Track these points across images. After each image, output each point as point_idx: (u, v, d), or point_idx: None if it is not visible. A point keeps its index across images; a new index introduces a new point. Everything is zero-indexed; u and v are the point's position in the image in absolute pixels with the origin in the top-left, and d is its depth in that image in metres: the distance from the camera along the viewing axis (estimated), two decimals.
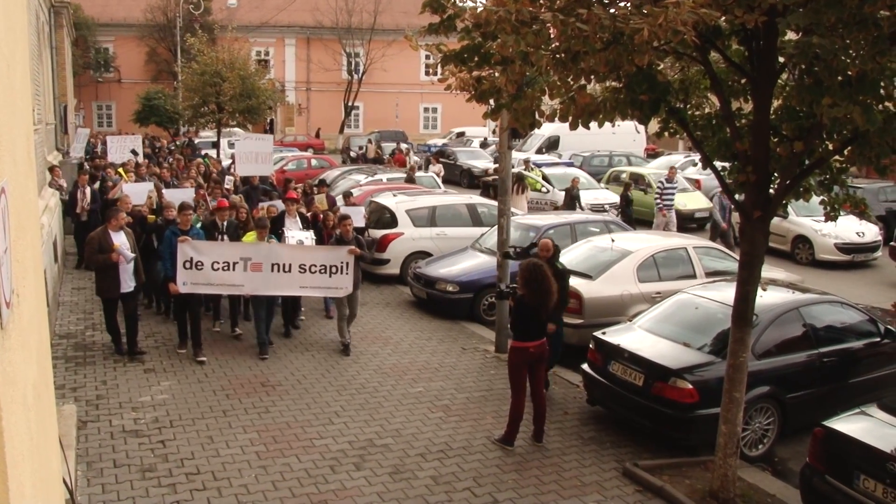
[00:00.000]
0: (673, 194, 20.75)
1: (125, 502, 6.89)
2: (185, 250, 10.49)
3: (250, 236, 11.55)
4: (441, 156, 37.25)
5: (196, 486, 7.22)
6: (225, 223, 11.99)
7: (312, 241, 11.95)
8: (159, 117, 41.44)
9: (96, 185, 17.07)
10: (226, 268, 10.67)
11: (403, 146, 39.59)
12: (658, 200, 20.47)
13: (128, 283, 10.45)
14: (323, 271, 10.90)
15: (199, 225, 12.06)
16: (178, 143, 37.09)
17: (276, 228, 12.14)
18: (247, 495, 7.08)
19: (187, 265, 10.51)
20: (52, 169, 16.77)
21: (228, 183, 18.13)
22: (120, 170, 19.43)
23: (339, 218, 11.99)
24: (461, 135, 48.92)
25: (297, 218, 12.79)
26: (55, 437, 3.91)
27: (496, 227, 12.09)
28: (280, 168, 27.19)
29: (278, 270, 10.79)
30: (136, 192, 14.66)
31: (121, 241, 10.30)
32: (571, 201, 21.90)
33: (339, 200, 17.16)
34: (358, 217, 14.56)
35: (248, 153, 17.62)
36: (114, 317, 10.67)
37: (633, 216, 21.34)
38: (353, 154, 42.06)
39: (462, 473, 7.76)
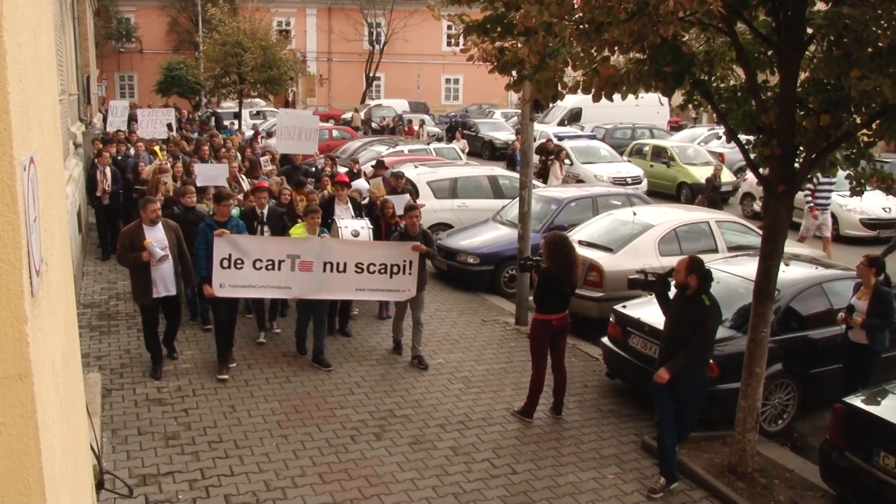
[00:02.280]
0: (829, 193, 16.24)
1: (149, 468, 7.00)
2: (222, 246, 8.93)
3: (299, 228, 9.87)
4: (463, 127, 37.16)
5: (218, 454, 7.32)
6: (265, 211, 10.30)
7: (370, 231, 10.25)
8: (181, 88, 41.59)
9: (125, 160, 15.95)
10: (270, 267, 9.10)
11: (414, 117, 39.52)
12: (809, 198, 16.04)
13: (163, 287, 8.89)
14: (383, 271, 9.40)
15: (234, 210, 10.43)
16: (200, 114, 37.22)
17: (324, 218, 10.35)
18: (268, 463, 7.18)
19: (225, 263, 8.94)
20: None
21: (266, 163, 16.06)
22: (156, 147, 17.95)
23: (405, 209, 10.11)
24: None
25: (349, 205, 11.27)
26: (82, 403, 3.97)
27: (517, 199, 12.06)
28: None
29: (331, 270, 9.28)
30: (209, 175, 12.97)
31: (155, 236, 8.80)
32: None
33: (368, 170, 16.52)
34: (401, 202, 12.37)
35: (289, 128, 15.92)
36: (152, 330, 9.09)
37: (719, 200, 20.80)
38: (374, 125, 42.03)
39: (481, 444, 7.81)
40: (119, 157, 16.29)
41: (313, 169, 15.92)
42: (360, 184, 13.91)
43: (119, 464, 7.03)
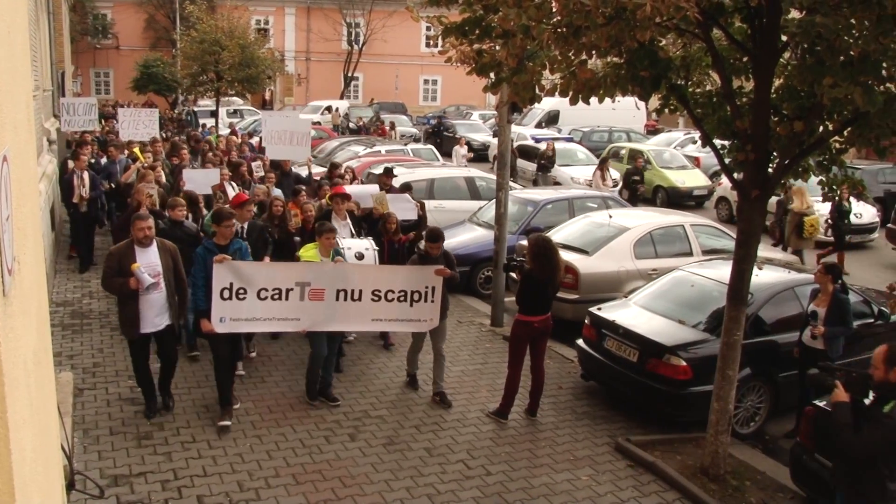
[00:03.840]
0: None
1: (121, 469, 6.94)
2: (223, 274, 7.68)
3: (310, 250, 8.56)
4: (440, 128, 37.17)
5: (191, 454, 7.27)
6: (245, 226, 9.32)
7: (375, 253, 9.33)
8: (158, 85, 41.28)
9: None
10: (276, 296, 7.91)
11: (387, 118, 39.50)
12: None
13: (154, 320, 7.67)
14: (403, 299, 8.29)
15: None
16: (177, 112, 36.95)
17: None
18: (241, 464, 7.14)
19: (226, 294, 7.70)
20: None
21: (258, 170, 14.56)
22: (137, 149, 16.53)
23: (427, 236, 8.83)
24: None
25: (349, 220, 10.15)
26: (54, 403, 3.93)
27: (494, 200, 12.08)
28: None
29: (345, 298, 8.14)
30: (199, 182, 12.04)
31: (147, 260, 7.55)
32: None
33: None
34: (404, 207, 11.42)
35: (279, 133, 14.72)
36: (142, 365, 7.95)
37: (637, 192, 20.94)
38: (352, 125, 41.94)
39: (456, 446, 7.82)
40: (93, 161, 15.28)
41: (305, 174, 14.99)
42: (359, 190, 12.18)
43: (90, 464, 6.96)
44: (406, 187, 12.72)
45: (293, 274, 8.07)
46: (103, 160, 15.76)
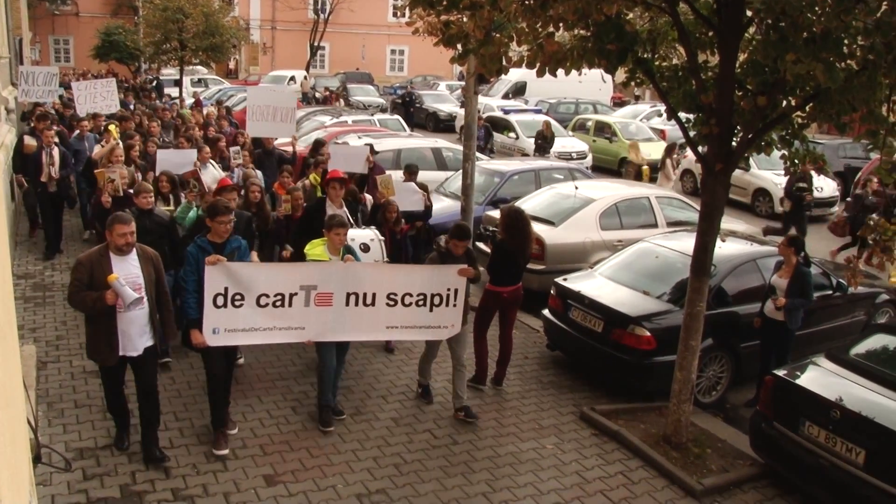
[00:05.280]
0: None
1: (87, 442, 6.91)
2: (216, 277, 6.65)
3: (316, 247, 7.49)
4: (410, 98, 36.95)
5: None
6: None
7: (381, 245, 8.48)
8: (120, 53, 40.44)
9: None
10: (279, 302, 6.94)
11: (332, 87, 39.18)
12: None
13: (136, 341, 6.42)
14: (422, 303, 7.41)
15: (192, 213, 8.86)
16: (140, 81, 36.29)
17: (312, 227, 8.36)
18: (208, 435, 7.12)
19: (220, 301, 6.69)
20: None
21: (237, 157, 12.76)
22: (112, 126, 14.88)
23: (453, 232, 7.84)
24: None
25: (345, 208, 9.14)
26: (19, 377, 3.91)
27: (461, 171, 12.08)
28: (243, 108, 26.62)
29: (356, 303, 7.21)
30: (173, 163, 10.90)
31: (126, 270, 6.27)
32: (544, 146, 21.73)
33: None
34: (410, 198, 10.46)
35: (262, 108, 13.36)
36: (115, 392, 6.75)
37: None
38: (318, 95, 41.57)
39: (422, 415, 7.89)
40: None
41: (289, 153, 13.95)
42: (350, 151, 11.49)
43: (55, 438, 6.92)
44: (371, 149, 12.32)
45: (297, 276, 7.04)
46: (73, 137, 14.52)
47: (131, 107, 21.14)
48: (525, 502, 6.50)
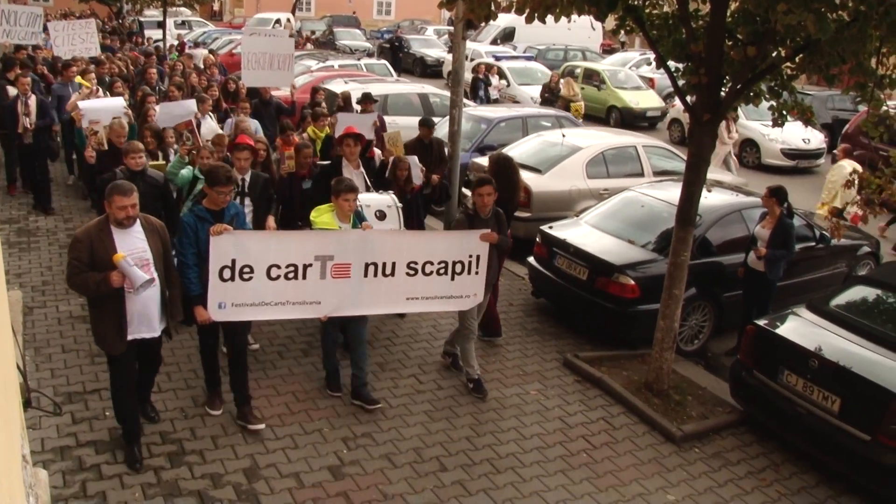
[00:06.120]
0: None
1: (75, 386, 6.95)
2: (222, 248, 6.10)
3: (324, 215, 6.87)
4: (398, 43, 36.43)
5: None
6: (248, 178, 7.56)
7: (398, 211, 7.83)
8: None
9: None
10: (291, 274, 6.41)
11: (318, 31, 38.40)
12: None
13: (145, 326, 5.78)
14: (443, 271, 6.96)
15: (186, 172, 8.03)
16: (119, 22, 35.52)
17: (325, 187, 7.38)
18: (195, 380, 7.18)
19: (226, 274, 6.16)
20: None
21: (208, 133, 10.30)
22: (82, 79, 13.41)
23: (474, 181, 7.38)
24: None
25: (363, 169, 8.47)
26: (7, 322, 3.92)
27: (447, 117, 11.98)
28: (229, 52, 26.24)
29: (375, 274, 6.72)
30: (173, 115, 9.97)
31: (131, 245, 5.58)
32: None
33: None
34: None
35: (258, 55, 12.47)
36: (126, 390, 5.97)
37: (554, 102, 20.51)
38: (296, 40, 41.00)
39: (407, 361, 7.97)
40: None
41: (290, 105, 13.19)
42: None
43: (43, 382, 6.96)
44: (366, 97, 12.15)
45: (312, 246, 6.49)
46: (56, 83, 13.78)
47: (118, 52, 20.21)
48: (508, 446, 6.62)
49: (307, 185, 8.54)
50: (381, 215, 7.61)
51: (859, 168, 12.17)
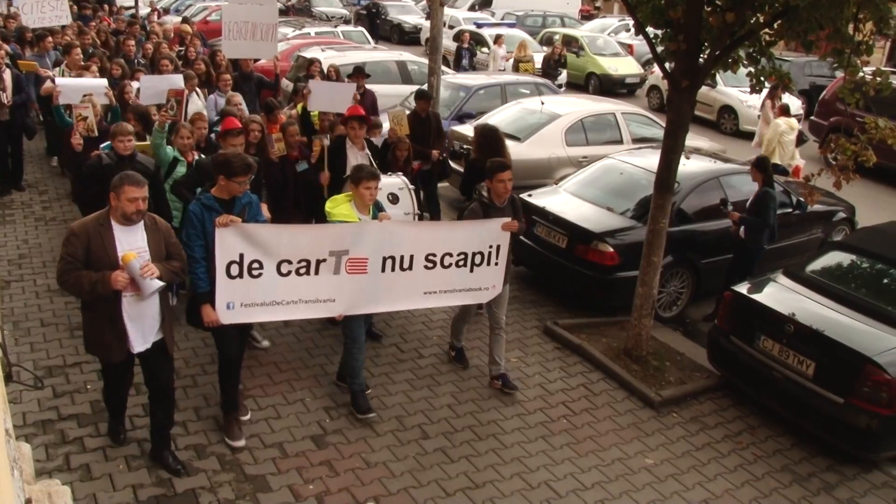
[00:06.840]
0: None
1: (55, 360, 6.93)
2: (229, 242, 5.57)
3: (340, 204, 6.32)
4: (376, 10, 35.98)
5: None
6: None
7: (411, 194, 7.55)
8: None
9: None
10: (303, 270, 5.93)
11: None
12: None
13: (145, 335, 5.24)
14: (462, 263, 6.56)
15: (167, 151, 7.54)
16: None
17: (336, 172, 7.41)
18: (179, 351, 7.13)
19: (234, 270, 5.67)
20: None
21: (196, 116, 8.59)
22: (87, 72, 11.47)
23: (490, 167, 6.71)
24: None
25: (368, 151, 8.05)
26: None
27: (426, 85, 11.92)
28: (203, 19, 25.77)
29: (392, 269, 6.27)
30: (158, 90, 9.15)
31: (134, 244, 5.03)
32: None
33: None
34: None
35: (239, 25, 11.34)
36: (118, 385, 5.65)
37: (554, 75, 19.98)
38: (280, 6, 40.38)
39: (389, 330, 8.01)
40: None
41: (273, 78, 12.37)
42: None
43: (23, 356, 6.91)
44: (358, 70, 11.72)
45: (326, 239, 5.99)
46: (30, 53, 12.74)
47: (92, 21, 18.74)
48: (489, 414, 6.68)
49: (302, 168, 8.17)
50: (393, 198, 7.30)
51: (795, 125, 12.59)
